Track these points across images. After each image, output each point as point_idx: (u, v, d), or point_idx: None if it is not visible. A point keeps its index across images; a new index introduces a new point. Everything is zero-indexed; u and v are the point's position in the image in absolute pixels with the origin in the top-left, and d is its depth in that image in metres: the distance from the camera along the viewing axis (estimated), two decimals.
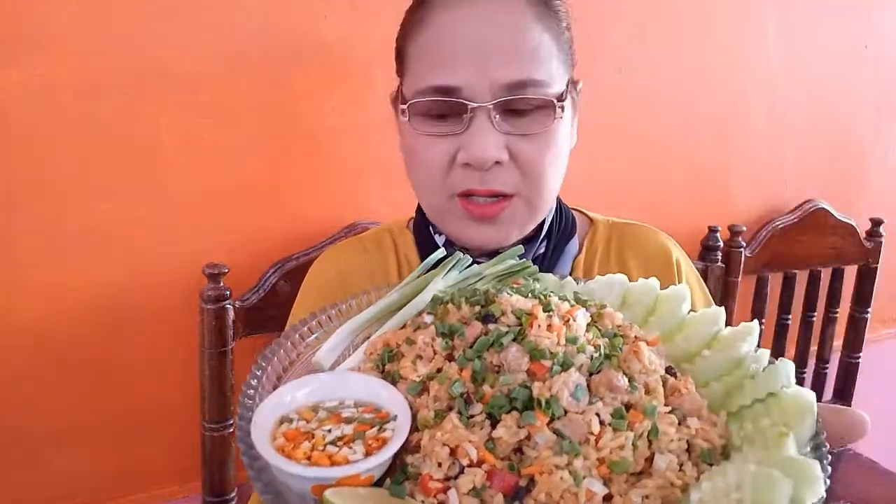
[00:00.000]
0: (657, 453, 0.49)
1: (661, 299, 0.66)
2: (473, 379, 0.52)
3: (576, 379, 0.51)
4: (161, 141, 1.15)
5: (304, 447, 0.49)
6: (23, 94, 1.05)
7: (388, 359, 0.58)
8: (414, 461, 0.49)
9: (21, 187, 1.07)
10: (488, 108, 0.74)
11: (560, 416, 0.49)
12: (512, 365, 0.52)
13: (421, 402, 0.53)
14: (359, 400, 0.55)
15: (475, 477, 0.47)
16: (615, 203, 1.55)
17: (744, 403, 0.54)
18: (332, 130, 1.28)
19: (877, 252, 1.86)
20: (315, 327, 0.66)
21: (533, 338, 0.53)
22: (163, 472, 1.27)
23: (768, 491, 0.43)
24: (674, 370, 0.58)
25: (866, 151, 1.95)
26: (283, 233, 1.27)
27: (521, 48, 0.75)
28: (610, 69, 1.53)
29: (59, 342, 1.14)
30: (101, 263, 1.15)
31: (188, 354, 1.20)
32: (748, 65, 1.71)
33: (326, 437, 0.50)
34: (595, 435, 0.49)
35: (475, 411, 0.51)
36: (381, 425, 0.51)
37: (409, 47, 0.81)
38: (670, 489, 0.47)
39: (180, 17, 1.13)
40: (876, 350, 2.02)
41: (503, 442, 0.48)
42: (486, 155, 0.74)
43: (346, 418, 0.52)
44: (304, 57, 1.23)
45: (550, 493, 0.46)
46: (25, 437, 1.15)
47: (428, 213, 0.88)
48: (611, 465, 0.48)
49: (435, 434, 0.49)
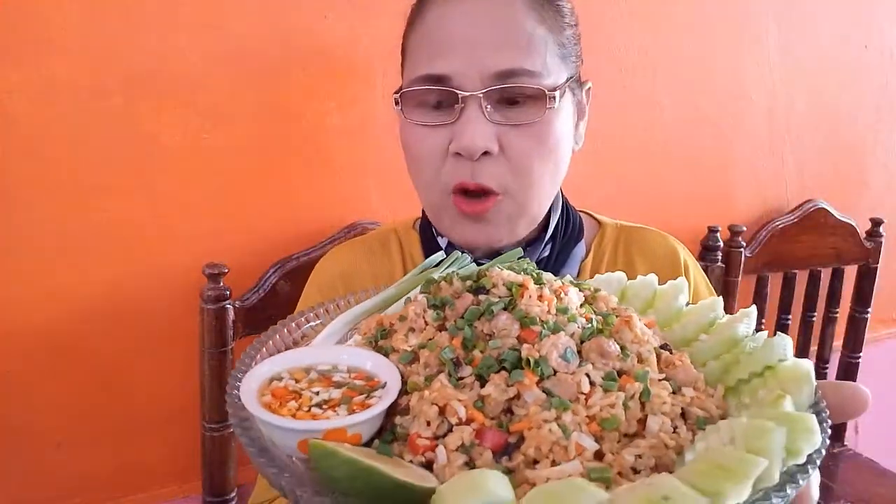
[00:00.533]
0: (650, 415, 0.49)
1: (659, 293, 0.67)
2: (464, 346, 0.52)
3: (565, 342, 0.51)
4: (161, 141, 1.15)
5: (289, 405, 0.49)
6: (23, 94, 1.05)
7: (381, 336, 0.58)
8: (403, 422, 0.49)
9: (21, 187, 1.07)
10: (479, 97, 0.75)
11: (549, 376, 0.50)
12: (502, 331, 0.52)
13: (412, 370, 0.53)
14: (352, 367, 0.55)
15: (464, 434, 0.46)
16: (615, 203, 1.55)
17: (741, 377, 0.54)
18: (332, 130, 1.28)
19: (877, 252, 1.86)
20: (312, 318, 0.67)
21: (523, 306, 0.54)
22: (163, 472, 1.27)
23: (762, 439, 0.42)
24: (669, 346, 0.58)
25: (866, 151, 1.95)
26: (283, 233, 1.27)
27: (511, 39, 0.76)
28: (610, 69, 1.53)
29: (59, 342, 1.14)
30: (101, 263, 1.15)
31: (188, 354, 1.20)
32: (748, 65, 1.71)
33: (313, 398, 0.50)
34: (585, 394, 0.49)
35: (465, 373, 0.51)
36: (370, 393, 0.51)
37: (409, 41, 0.82)
38: (664, 450, 0.47)
39: (180, 18, 1.13)
40: (876, 350, 2.02)
41: (492, 400, 0.48)
42: (475, 143, 0.74)
43: (335, 382, 0.53)
44: (304, 57, 1.23)
45: (539, 447, 0.46)
46: (25, 437, 1.15)
47: (427, 212, 0.88)
48: (601, 422, 0.47)
49: (424, 395, 0.49)
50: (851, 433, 1.99)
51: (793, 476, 0.42)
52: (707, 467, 0.42)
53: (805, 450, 0.42)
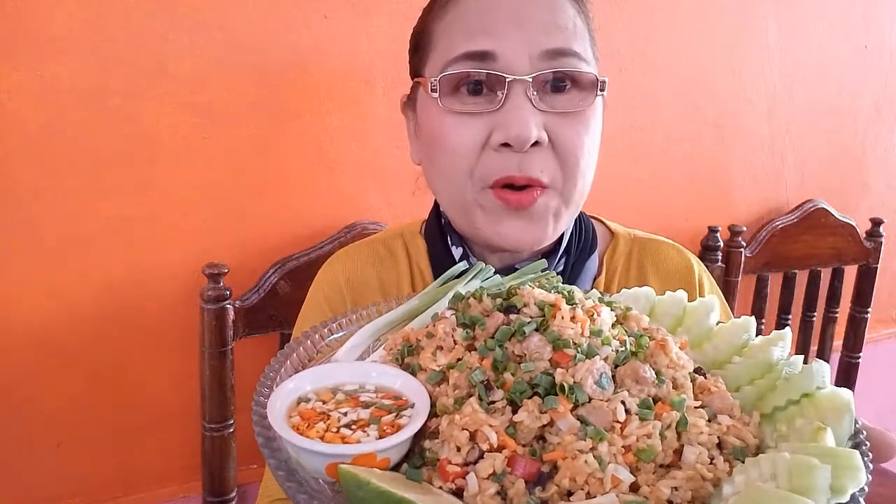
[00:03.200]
0: (686, 445, 0.47)
1: (688, 311, 0.65)
2: (494, 367, 0.51)
3: (600, 367, 0.50)
4: (161, 141, 1.15)
5: (318, 427, 0.48)
6: (23, 94, 1.05)
7: (407, 352, 0.57)
8: (432, 447, 0.48)
9: (21, 187, 1.07)
10: (527, 81, 0.69)
11: (584, 403, 0.48)
12: (534, 354, 0.51)
13: (440, 391, 0.52)
14: (379, 386, 0.54)
15: (495, 461, 0.45)
16: (615, 203, 1.55)
17: (778, 405, 0.52)
18: (332, 130, 1.27)
19: (877, 252, 1.85)
20: (335, 329, 0.65)
21: (556, 328, 0.52)
22: (163, 472, 1.27)
23: (807, 477, 0.41)
24: (703, 371, 0.56)
25: (866, 151, 1.95)
26: (283, 233, 1.27)
27: (560, 21, 0.71)
28: (611, 69, 1.53)
29: (59, 342, 1.14)
30: (101, 263, 1.15)
31: (188, 354, 1.20)
32: (748, 65, 1.71)
33: (342, 419, 0.49)
34: (621, 423, 0.47)
35: (496, 397, 0.49)
36: (399, 412, 0.50)
37: (436, 27, 0.76)
38: (701, 482, 0.45)
39: (180, 18, 1.13)
40: (876, 350, 2.02)
41: (524, 427, 0.47)
42: (527, 131, 0.69)
43: (363, 402, 0.52)
44: (304, 57, 1.23)
45: (574, 479, 0.44)
46: (25, 437, 1.15)
47: (451, 212, 0.80)
48: (638, 452, 0.46)
49: (454, 419, 0.48)
50: None
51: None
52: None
53: (850, 488, 0.41)
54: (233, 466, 1.22)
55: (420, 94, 0.79)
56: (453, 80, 0.72)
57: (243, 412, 1.23)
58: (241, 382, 1.21)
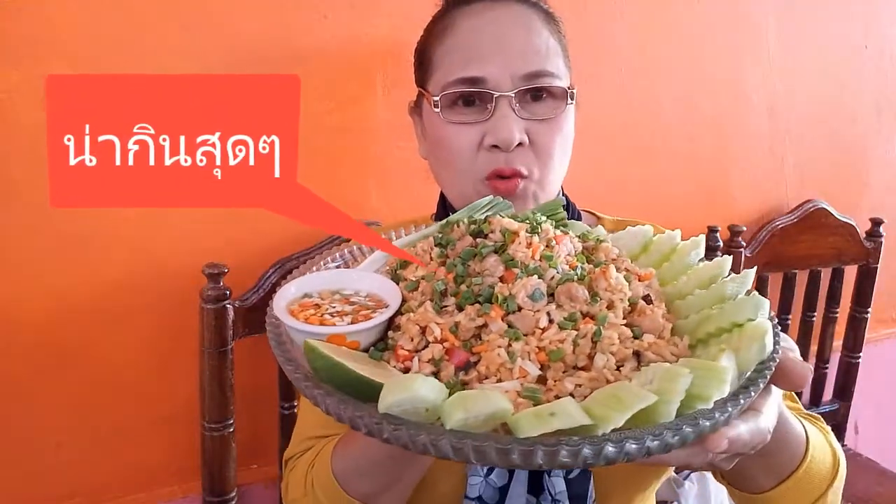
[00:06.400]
0: (598, 353, 0.56)
1: (678, 249, 0.74)
2: (456, 281, 0.62)
3: (535, 283, 0.60)
4: None
5: (307, 313, 0.61)
6: (23, 94, 1.05)
7: (399, 266, 0.69)
8: (394, 336, 0.60)
9: (21, 187, 1.07)
10: (510, 96, 0.87)
11: (513, 311, 0.59)
12: (486, 271, 0.62)
13: (412, 296, 0.63)
14: (370, 292, 0.66)
15: (434, 350, 0.57)
16: (615, 203, 1.55)
17: (709, 331, 0.59)
18: (332, 130, 1.27)
19: (877, 252, 1.86)
20: (355, 251, 0.78)
21: (511, 251, 0.63)
22: (163, 472, 1.27)
23: (671, 382, 0.49)
24: (651, 299, 0.64)
25: (866, 151, 1.95)
26: (283, 233, 1.27)
27: (535, 45, 0.89)
28: (611, 69, 1.53)
29: (59, 342, 1.14)
30: (101, 263, 1.15)
31: (188, 354, 1.20)
32: (748, 65, 1.71)
33: (329, 310, 0.62)
34: (541, 329, 0.58)
35: (448, 303, 0.61)
36: (376, 310, 0.62)
37: (436, 51, 0.93)
38: (604, 383, 0.54)
39: (180, 18, 1.13)
40: (876, 350, 2.02)
41: (462, 326, 0.58)
42: (512, 136, 0.86)
43: (352, 301, 0.64)
44: (304, 57, 1.23)
45: (488, 367, 0.55)
46: (25, 437, 1.15)
47: (455, 199, 0.95)
48: (549, 353, 0.56)
49: (411, 316, 0.60)
50: (851, 433, 1.99)
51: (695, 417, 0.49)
52: (605, 396, 0.50)
53: (713, 396, 0.50)
54: (233, 466, 1.22)
55: (425, 104, 0.95)
56: (452, 98, 0.90)
57: (243, 412, 1.23)
58: (241, 382, 1.21)
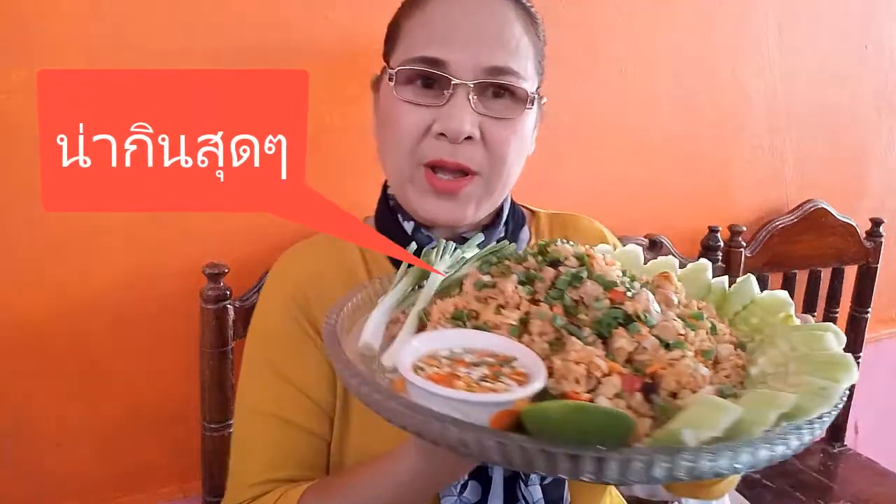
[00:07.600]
0: (719, 345, 0.61)
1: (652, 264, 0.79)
2: (566, 312, 0.61)
3: (648, 297, 0.62)
4: None
5: (460, 384, 0.52)
6: (23, 94, 1.05)
7: (466, 317, 0.64)
8: (551, 385, 0.55)
9: (21, 187, 1.07)
10: (469, 86, 0.82)
11: (653, 326, 0.60)
12: (591, 295, 0.61)
13: (523, 341, 0.59)
14: (467, 347, 0.59)
15: (614, 383, 0.54)
16: (615, 203, 1.55)
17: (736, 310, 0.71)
18: (331, 130, 1.27)
19: (877, 252, 1.86)
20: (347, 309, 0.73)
21: (600, 272, 0.64)
22: (163, 472, 1.27)
23: (819, 342, 0.54)
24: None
25: (866, 151, 1.95)
26: (283, 233, 1.27)
27: (506, 40, 0.84)
28: (611, 70, 1.53)
29: (59, 342, 1.14)
30: (101, 263, 1.15)
31: (188, 354, 1.20)
32: (748, 65, 1.71)
33: (471, 374, 0.54)
34: (683, 335, 0.60)
35: (586, 333, 0.59)
36: (508, 364, 0.56)
37: (404, 24, 0.87)
38: (738, 370, 0.58)
39: (180, 17, 1.13)
40: (876, 350, 2.02)
41: (622, 351, 0.57)
42: (462, 127, 0.82)
43: (470, 362, 0.57)
44: (304, 57, 1.23)
45: (679, 381, 0.54)
46: (25, 437, 1.15)
47: (393, 183, 0.92)
48: (703, 354, 0.58)
49: (567, 356, 0.56)
50: (851, 433, 1.99)
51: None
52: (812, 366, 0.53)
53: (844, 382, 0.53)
54: None
55: (383, 79, 0.90)
56: (409, 75, 0.84)
57: None
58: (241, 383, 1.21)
